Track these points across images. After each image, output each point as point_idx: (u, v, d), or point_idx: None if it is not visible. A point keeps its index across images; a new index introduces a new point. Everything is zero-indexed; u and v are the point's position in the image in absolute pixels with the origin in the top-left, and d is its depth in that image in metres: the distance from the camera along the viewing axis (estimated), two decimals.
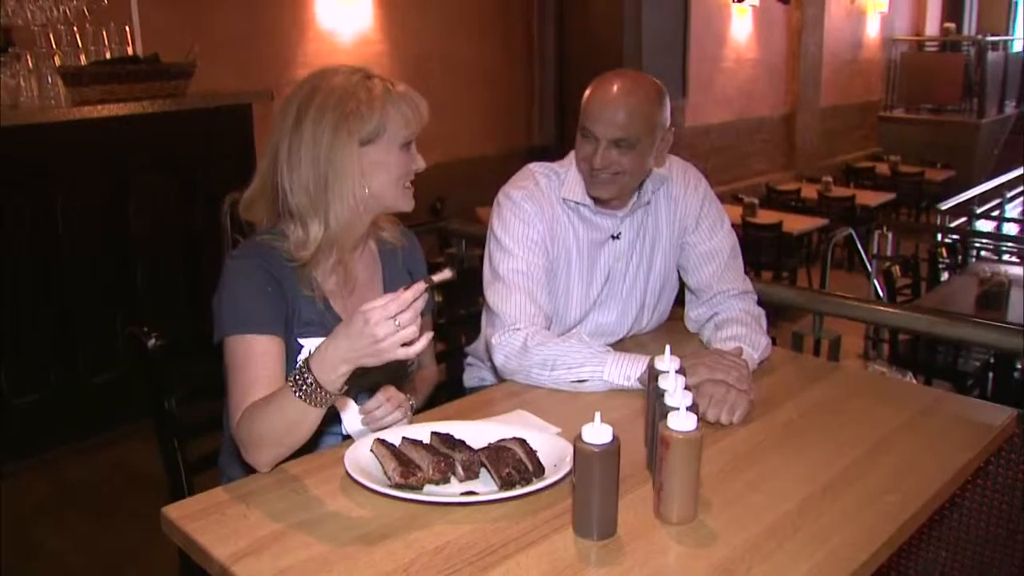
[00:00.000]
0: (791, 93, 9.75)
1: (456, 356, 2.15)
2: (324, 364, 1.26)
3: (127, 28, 3.74)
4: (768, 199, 7.97)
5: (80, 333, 3.45)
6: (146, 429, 1.74)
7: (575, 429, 1.19)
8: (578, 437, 1.17)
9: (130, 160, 3.52)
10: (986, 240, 6.35)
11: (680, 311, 2.05)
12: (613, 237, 1.90)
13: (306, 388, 1.26)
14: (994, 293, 4.21)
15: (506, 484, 1.28)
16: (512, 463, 1.29)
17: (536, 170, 1.90)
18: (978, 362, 4.02)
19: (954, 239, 5.91)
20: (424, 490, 1.28)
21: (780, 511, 1.26)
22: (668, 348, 1.40)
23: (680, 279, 2.02)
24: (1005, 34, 12.91)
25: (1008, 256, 5.85)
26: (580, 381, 1.68)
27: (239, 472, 1.47)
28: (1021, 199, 8.49)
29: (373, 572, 1.11)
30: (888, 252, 5.42)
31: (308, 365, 1.27)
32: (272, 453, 1.36)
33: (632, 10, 6.87)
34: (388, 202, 1.54)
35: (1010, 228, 7.68)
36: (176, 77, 3.63)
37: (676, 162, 1.96)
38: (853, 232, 5.57)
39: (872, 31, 11.40)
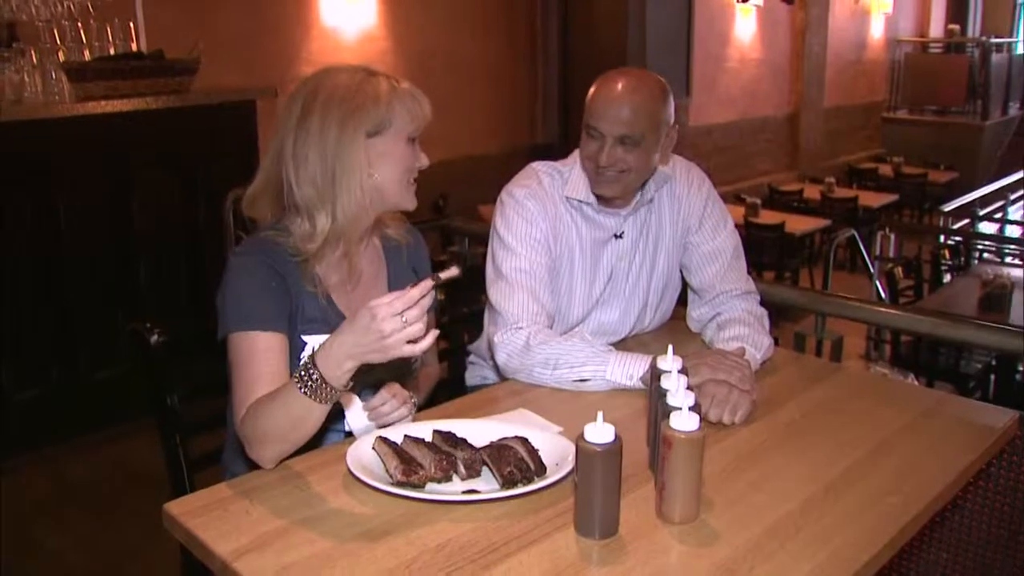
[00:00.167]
0: (795, 93, 9.74)
1: (458, 354, 2.15)
2: (329, 359, 1.26)
3: (131, 24, 3.75)
4: (771, 199, 7.95)
5: (82, 330, 3.45)
6: (147, 427, 1.74)
7: (577, 428, 1.19)
8: (580, 436, 1.17)
9: (133, 157, 3.53)
10: (989, 242, 6.33)
11: (682, 311, 2.05)
12: (616, 236, 1.90)
13: (311, 384, 1.26)
14: (997, 295, 4.20)
15: (508, 483, 1.28)
16: (514, 462, 1.29)
17: (539, 169, 1.90)
18: (980, 364, 4.01)
19: (957, 241, 5.90)
20: (426, 488, 1.28)
21: (782, 511, 1.26)
22: (671, 348, 1.40)
23: (683, 279, 2.02)
24: (1010, 36, 12.88)
25: (1011, 258, 5.84)
26: (582, 380, 1.68)
27: (243, 468, 1.47)
28: None
29: (375, 569, 1.11)
30: (891, 253, 5.41)
31: (313, 361, 1.27)
32: (276, 449, 1.36)
33: (636, 8, 6.86)
34: (393, 197, 1.54)
35: (1013, 230, 7.65)
36: (180, 73, 3.63)
37: (680, 161, 1.96)
38: (856, 233, 5.56)
39: (876, 32, 11.38)
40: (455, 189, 5.76)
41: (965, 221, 6.71)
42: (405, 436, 1.38)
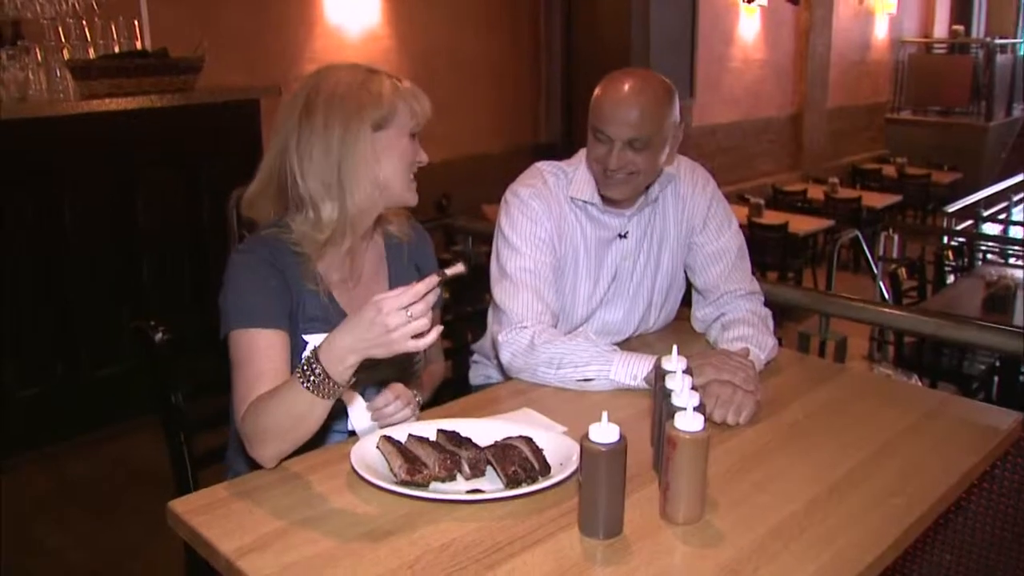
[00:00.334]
0: (798, 94, 9.73)
1: (462, 353, 2.15)
2: (333, 354, 1.25)
3: (136, 22, 3.76)
4: (774, 200, 7.95)
5: (84, 328, 3.45)
6: (148, 424, 1.74)
7: (581, 428, 1.19)
8: (585, 436, 1.17)
9: (138, 155, 3.53)
10: (993, 243, 6.33)
11: (687, 311, 2.04)
12: (620, 236, 1.90)
13: (314, 379, 1.26)
14: (1001, 296, 4.20)
15: (512, 482, 1.27)
16: (518, 461, 1.29)
17: (544, 168, 1.90)
18: (983, 365, 4.01)
19: (960, 242, 5.90)
20: (430, 487, 1.28)
21: (786, 512, 1.26)
22: (675, 348, 1.40)
23: (687, 279, 2.02)
24: (1014, 37, 12.85)
25: (1015, 259, 5.83)
26: (586, 380, 1.68)
27: (245, 467, 1.47)
28: None
29: (379, 569, 1.11)
30: (894, 254, 5.41)
31: (316, 355, 1.26)
32: (277, 448, 1.35)
33: (640, 7, 6.86)
34: (396, 192, 1.55)
35: (1017, 231, 7.64)
36: (184, 72, 3.63)
37: (684, 161, 1.96)
38: (859, 234, 5.56)
39: (880, 32, 11.38)
40: (458, 188, 5.76)
41: (969, 222, 6.70)
42: (409, 435, 1.38)
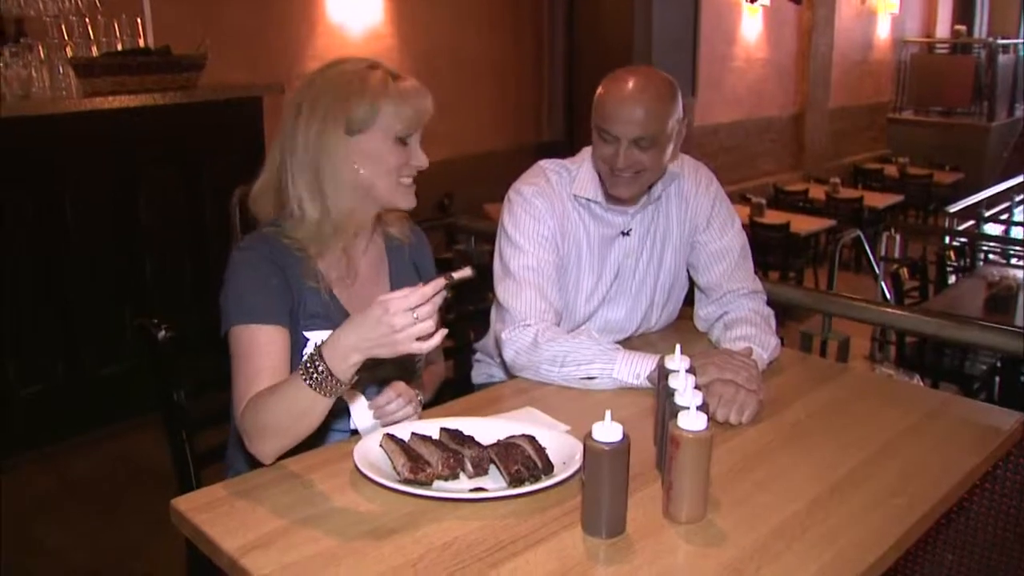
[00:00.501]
0: (800, 93, 9.72)
1: (464, 352, 2.15)
2: (336, 351, 1.25)
3: (139, 20, 3.75)
4: (776, 199, 7.95)
5: (86, 326, 3.45)
6: (149, 423, 1.74)
7: (584, 427, 1.19)
8: (588, 435, 1.17)
9: (140, 152, 3.53)
10: (995, 243, 6.33)
11: (689, 311, 2.04)
12: (623, 233, 1.90)
13: (317, 376, 1.26)
14: (1003, 297, 4.21)
15: (515, 481, 1.28)
16: (521, 460, 1.29)
17: (547, 167, 1.90)
18: (985, 366, 4.01)
19: (962, 242, 5.89)
20: (433, 486, 1.28)
21: (788, 511, 1.26)
22: (678, 347, 1.40)
23: (690, 278, 2.02)
24: (1016, 37, 12.82)
25: (1016, 260, 5.83)
26: (589, 378, 1.68)
27: (246, 466, 1.47)
28: None
29: (382, 567, 1.12)
30: (896, 254, 5.41)
31: (320, 353, 1.26)
32: (276, 444, 1.35)
33: (642, 6, 6.86)
34: (383, 196, 1.54)
35: (1019, 232, 7.64)
36: (187, 69, 3.63)
37: (688, 160, 1.96)
38: (861, 234, 5.56)
39: (883, 32, 11.37)
40: (460, 187, 5.75)
41: (971, 222, 6.70)
42: (412, 433, 1.38)
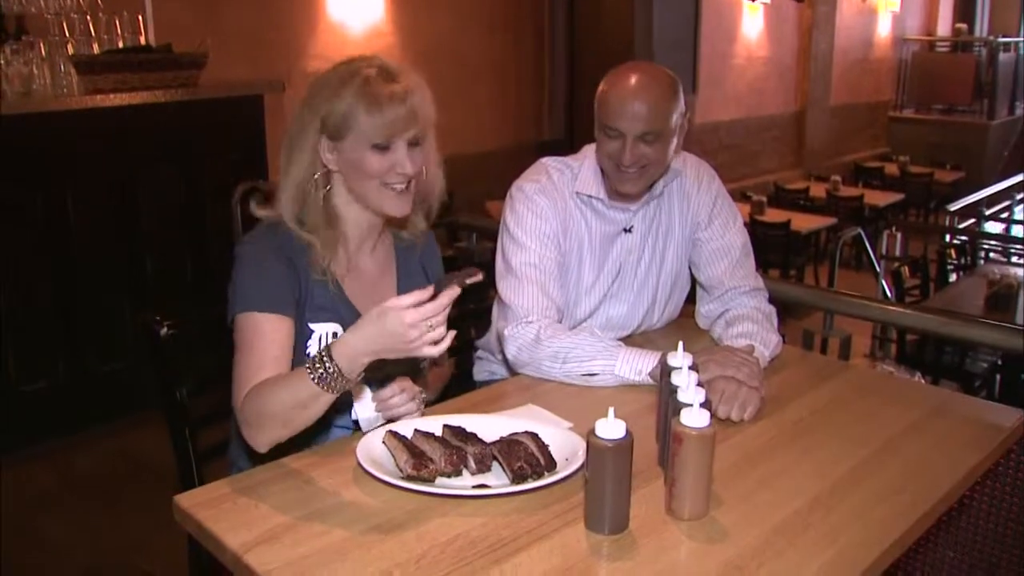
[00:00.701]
0: (801, 91, 9.72)
1: (466, 350, 2.16)
2: (347, 353, 1.26)
3: (140, 17, 3.75)
4: (776, 197, 7.95)
5: (88, 322, 3.45)
6: (152, 419, 1.74)
7: (586, 424, 1.19)
8: (591, 432, 1.17)
9: (141, 150, 3.53)
10: (995, 242, 6.34)
11: (690, 309, 2.05)
12: (625, 230, 1.90)
13: (324, 375, 1.27)
14: (1003, 295, 4.21)
15: (518, 478, 1.28)
16: (524, 457, 1.30)
17: (549, 164, 1.90)
18: (985, 363, 4.01)
19: (963, 240, 5.90)
20: (436, 482, 1.29)
21: (790, 508, 1.26)
22: (681, 344, 1.40)
23: (691, 276, 2.02)
24: (1017, 35, 12.81)
25: (1017, 258, 5.84)
26: (591, 375, 1.68)
27: (248, 463, 1.48)
28: None
29: (385, 563, 1.12)
30: (896, 252, 5.41)
31: (330, 353, 1.27)
32: (274, 434, 1.36)
33: (643, 5, 6.86)
34: (370, 202, 1.54)
35: (1019, 230, 7.65)
36: (188, 67, 3.63)
37: (690, 158, 1.96)
38: (862, 232, 5.56)
39: (883, 30, 11.36)
40: (461, 185, 5.70)
41: (971, 220, 6.71)
42: (415, 430, 1.39)
